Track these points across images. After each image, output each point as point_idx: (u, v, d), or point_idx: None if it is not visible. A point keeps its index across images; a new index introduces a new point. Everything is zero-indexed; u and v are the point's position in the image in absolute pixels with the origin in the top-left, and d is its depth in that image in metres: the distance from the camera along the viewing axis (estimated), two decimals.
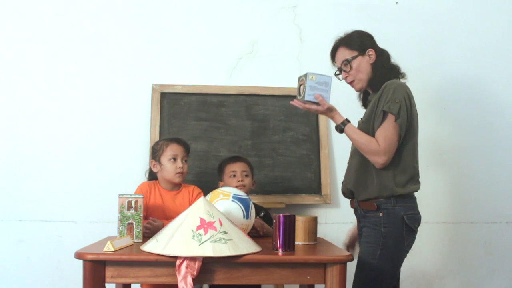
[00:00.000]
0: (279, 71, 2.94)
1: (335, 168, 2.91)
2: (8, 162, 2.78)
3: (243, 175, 2.40)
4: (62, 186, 2.79)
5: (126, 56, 2.88)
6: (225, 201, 1.95)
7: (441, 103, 3.02)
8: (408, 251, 2.06)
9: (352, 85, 2.18)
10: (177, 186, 2.32)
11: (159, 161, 2.28)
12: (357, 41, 2.13)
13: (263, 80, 2.93)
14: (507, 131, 3.05)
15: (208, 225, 1.67)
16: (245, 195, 2.03)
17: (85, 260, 1.63)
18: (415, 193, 2.09)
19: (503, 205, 3.02)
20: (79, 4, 2.88)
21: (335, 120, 2.06)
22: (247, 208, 1.98)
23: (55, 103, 2.83)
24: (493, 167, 3.03)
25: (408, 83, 2.12)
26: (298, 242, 1.91)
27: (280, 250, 1.75)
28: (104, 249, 1.68)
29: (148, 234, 1.97)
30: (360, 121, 2.16)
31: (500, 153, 3.04)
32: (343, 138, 2.12)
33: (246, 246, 1.69)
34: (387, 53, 2.17)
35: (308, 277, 1.68)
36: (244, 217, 1.96)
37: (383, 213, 2.01)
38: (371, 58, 2.12)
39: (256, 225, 2.14)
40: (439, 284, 2.97)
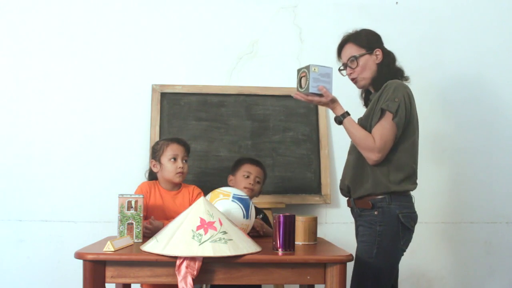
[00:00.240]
0: (279, 71, 2.94)
1: (335, 168, 2.91)
2: (8, 162, 2.78)
3: (256, 181, 2.41)
4: (62, 186, 2.79)
5: (126, 56, 2.88)
6: (225, 201, 1.95)
7: (441, 103, 3.02)
8: (405, 250, 2.05)
9: (355, 82, 2.18)
10: (177, 186, 2.32)
11: (159, 161, 2.28)
12: (366, 40, 2.14)
13: (263, 80, 2.93)
14: (507, 131, 3.05)
15: (208, 225, 1.67)
16: (245, 195, 2.03)
17: (85, 260, 1.63)
18: (413, 193, 2.09)
19: (503, 205, 3.02)
20: (79, 4, 2.88)
21: (336, 111, 2.06)
22: (247, 208, 1.98)
23: (55, 103, 2.83)
24: (493, 167, 3.03)
25: (408, 83, 2.12)
26: (298, 242, 1.91)
27: (280, 250, 1.75)
28: (104, 249, 1.68)
29: (148, 234, 1.97)
30: (360, 119, 2.17)
31: (500, 153, 3.04)
32: (343, 138, 2.13)
33: (246, 246, 1.69)
34: (393, 55, 2.17)
35: (308, 277, 1.68)
36: (244, 217, 1.96)
37: (378, 212, 2.01)
38: (378, 58, 2.12)
39: (256, 226, 2.14)
40: (439, 284, 2.97)
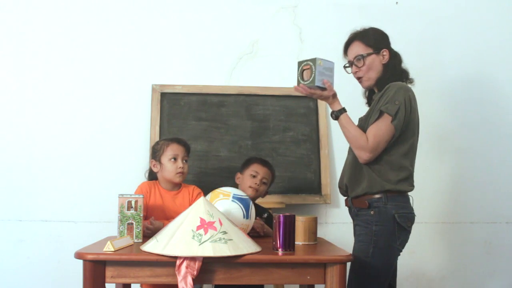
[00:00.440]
0: (279, 71, 2.94)
1: (335, 168, 2.91)
2: (9, 162, 2.78)
3: (262, 182, 2.40)
4: (62, 186, 2.79)
5: (126, 56, 2.88)
6: (225, 201, 1.95)
7: (441, 103, 3.02)
8: (402, 250, 2.05)
9: (360, 81, 2.17)
10: (177, 186, 2.32)
11: (160, 161, 2.28)
12: (373, 39, 2.12)
13: (263, 80, 2.93)
14: (508, 131, 3.05)
15: (208, 225, 1.67)
16: (245, 195, 2.03)
17: (85, 260, 1.64)
18: (413, 193, 2.08)
19: (503, 205, 3.02)
20: (79, 5, 2.88)
21: (334, 107, 2.05)
22: (247, 208, 1.98)
23: (55, 103, 2.83)
24: (493, 167, 3.03)
25: (413, 86, 2.11)
26: (298, 242, 1.91)
27: (280, 250, 1.75)
28: (104, 249, 1.68)
29: (149, 234, 1.96)
30: (360, 119, 2.17)
31: (500, 153, 3.03)
32: (343, 138, 2.12)
33: (246, 246, 1.69)
34: (400, 56, 2.16)
35: (308, 277, 1.68)
36: (244, 217, 1.96)
37: (375, 212, 2.01)
38: (384, 59, 2.12)
39: (256, 226, 2.14)
40: (439, 284, 2.96)
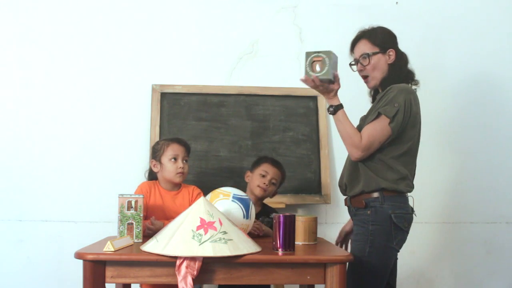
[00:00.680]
0: (279, 71, 2.94)
1: (335, 168, 2.91)
2: (8, 162, 2.78)
3: (271, 182, 2.40)
4: (62, 186, 2.79)
5: (126, 56, 2.88)
6: (225, 201, 1.95)
7: (441, 104, 3.01)
8: (399, 250, 2.05)
9: (366, 81, 2.17)
10: (177, 186, 2.32)
11: (160, 161, 2.28)
12: (381, 38, 2.12)
13: (263, 80, 2.93)
14: (508, 131, 3.04)
15: (208, 225, 1.67)
16: (245, 195, 2.03)
17: (85, 260, 1.64)
18: (414, 193, 2.08)
19: (503, 205, 3.02)
20: (79, 4, 2.88)
21: (334, 101, 2.02)
22: (247, 208, 1.98)
23: (55, 103, 2.83)
24: (493, 167, 3.02)
25: (418, 87, 2.11)
26: (298, 242, 1.91)
27: (280, 250, 1.75)
28: (104, 249, 1.68)
29: (150, 234, 1.96)
30: (361, 118, 2.18)
31: (500, 153, 3.03)
32: None
33: (246, 246, 1.69)
34: (406, 57, 2.15)
35: (308, 277, 1.68)
36: (244, 217, 1.96)
37: (371, 211, 2.01)
38: (390, 58, 2.11)
39: (253, 230, 2.13)
40: (439, 284, 2.96)
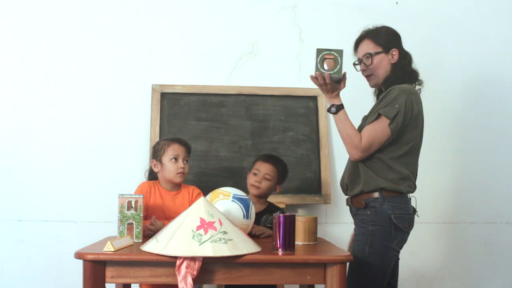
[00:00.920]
0: (279, 71, 2.94)
1: (335, 168, 2.91)
2: (8, 162, 2.78)
3: (264, 178, 2.35)
4: (62, 186, 2.79)
5: (126, 56, 2.88)
6: (225, 201, 1.96)
7: (441, 104, 3.01)
8: (399, 251, 2.05)
9: (368, 80, 2.17)
10: (177, 186, 2.32)
11: (160, 161, 2.27)
12: (384, 38, 2.11)
13: (263, 80, 2.93)
14: (507, 132, 3.05)
15: (208, 225, 1.67)
16: (245, 195, 2.03)
17: (85, 260, 1.64)
18: (414, 193, 2.08)
19: (503, 205, 3.02)
20: (79, 4, 2.88)
21: (336, 101, 2.01)
22: (247, 208, 1.98)
23: (55, 103, 2.83)
24: (493, 167, 3.02)
25: (422, 87, 2.11)
26: (298, 242, 1.91)
27: (280, 250, 1.75)
28: (104, 249, 1.68)
29: (151, 234, 1.96)
30: (363, 118, 2.18)
31: (500, 153, 3.03)
32: None
33: (246, 246, 1.69)
34: (410, 56, 2.15)
35: (308, 277, 1.68)
36: (244, 217, 1.96)
37: (371, 211, 2.01)
38: (393, 58, 2.10)
39: (255, 232, 2.12)
40: (439, 284, 2.96)
